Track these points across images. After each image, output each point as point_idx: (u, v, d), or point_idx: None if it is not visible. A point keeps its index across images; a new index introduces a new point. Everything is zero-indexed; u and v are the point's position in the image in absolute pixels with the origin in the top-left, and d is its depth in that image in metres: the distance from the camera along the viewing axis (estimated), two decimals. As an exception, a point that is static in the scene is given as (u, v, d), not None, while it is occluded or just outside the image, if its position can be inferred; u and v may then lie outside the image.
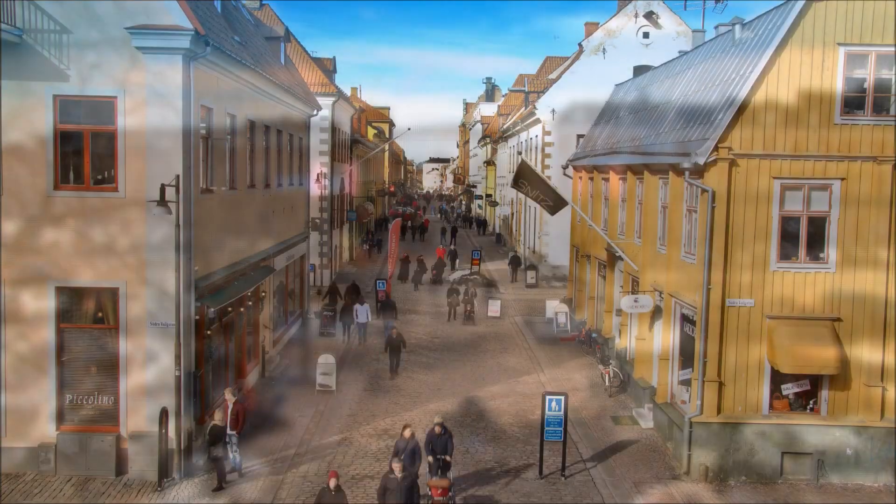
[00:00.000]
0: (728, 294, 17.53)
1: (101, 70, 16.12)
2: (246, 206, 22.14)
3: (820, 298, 17.53)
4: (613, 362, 24.86)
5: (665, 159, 20.04)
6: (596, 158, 28.74)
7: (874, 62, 17.10)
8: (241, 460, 17.24)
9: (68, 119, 16.34)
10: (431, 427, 16.56)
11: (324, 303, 32.72)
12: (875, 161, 17.16)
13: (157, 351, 16.54)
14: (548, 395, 17.53)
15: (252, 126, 22.82)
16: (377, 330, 30.15)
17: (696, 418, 17.68)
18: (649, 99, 26.36)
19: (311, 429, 20.21)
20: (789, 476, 17.73)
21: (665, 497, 16.71)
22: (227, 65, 18.98)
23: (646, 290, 21.92)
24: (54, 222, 16.36)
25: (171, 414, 16.49)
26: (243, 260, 21.56)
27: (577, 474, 17.75)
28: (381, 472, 17.50)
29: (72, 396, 16.84)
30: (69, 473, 16.52)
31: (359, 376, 25.21)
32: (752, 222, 17.40)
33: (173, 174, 16.15)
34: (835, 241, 17.43)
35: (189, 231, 16.75)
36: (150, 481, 16.34)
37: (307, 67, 41.84)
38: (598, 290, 29.46)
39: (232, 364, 21.31)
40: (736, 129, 17.26)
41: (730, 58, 19.64)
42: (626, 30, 42.12)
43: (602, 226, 28.13)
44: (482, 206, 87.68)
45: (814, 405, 17.93)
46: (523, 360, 27.81)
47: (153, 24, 15.96)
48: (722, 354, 17.62)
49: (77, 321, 16.77)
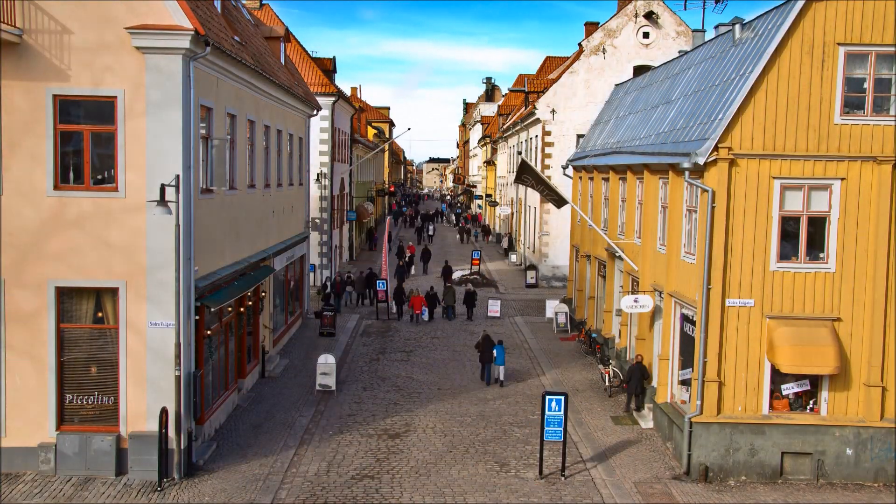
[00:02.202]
0: (728, 294, 17.53)
1: (101, 70, 16.12)
2: (246, 206, 22.14)
3: (820, 298, 17.54)
4: (613, 362, 24.87)
5: (665, 159, 20.04)
6: (596, 158, 28.74)
7: (874, 62, 17.10)
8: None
9: (68, 119, 16.35)
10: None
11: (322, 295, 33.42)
12: (875, 161, 17.16)
13: (157, 351, 16.55)
14: (548, 395, 17.53)
15: (252, 126, 22.84)
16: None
17: (696, 418, 17.68)
18: (649, 99, 26.36)
19: (310, 429, 20.22)
20: (789, 476, 17.74)
21: (665, 497, 16.71)
22: (227, 65, 18.99)
23: (646, 290, 21.92)
24: (54, 222, 16.36)
25: (171, 414, 16.50)
26: (243, 260, 21.57)
27: (577, 474, 17.76)
28: (381, 472, 17.56)
29: (72, 396, 16.84)
30: (69, 473, 16.52)
31: (358, 377, 25.24)
32: (752, 222, 17.41)
33: (173, 174, 16.16)
34: (835, 241, 17.43)
35: (189, 231, 16.76)
36: (150, 481, 16.35)
37: (307, 67, 41.87)
38: (598, 290, 29.47)
39: (232, 364, 21.32)
40: (736, 129, 17.26)
41: (730, 58, 19.64)
42: (626, 30, 42.14)
43: (602, 226, 28.13)
44: (482, 207, 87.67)
45: (814, 405, 17.94)
46: (523, 360, 27.81)
47: (153, 24, 15.96)
48: (722, 354, 17.63)
49: (77, 321, 16.78)
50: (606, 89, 38.66)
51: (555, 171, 40.71)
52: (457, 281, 43.75)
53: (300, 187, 31.41)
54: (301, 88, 31.47)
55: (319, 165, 40.34)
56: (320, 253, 41.05)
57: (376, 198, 69.95)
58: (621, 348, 25.06)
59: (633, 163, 23.57)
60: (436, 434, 20.12)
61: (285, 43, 31.82)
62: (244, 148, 21.93)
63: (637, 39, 42.04)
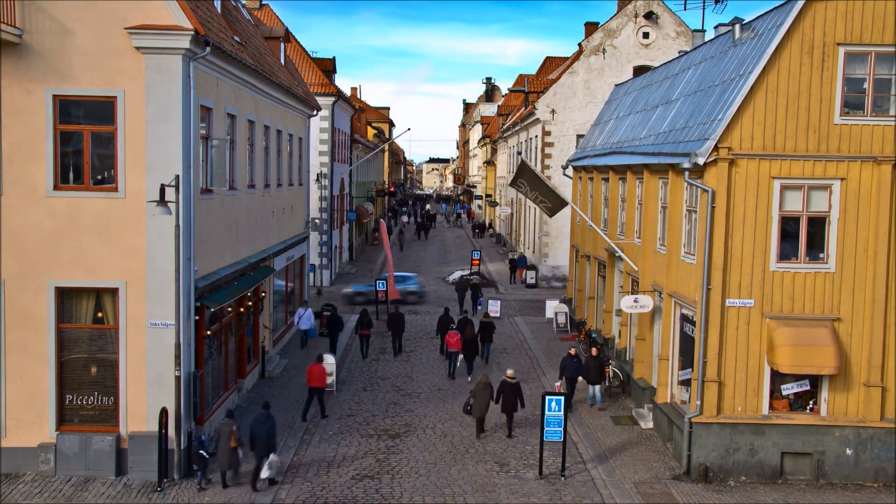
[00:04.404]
0: (728, 294, 17.53)
1: (101, 70, 16.12)
2: (246, 206, 22.14)
3: (820, 298, 17.53)
4: (613, 362, 24.87)
5: (665, 159, 20.04)
6: (596, 158, 28.74)
7: (874, 62, 17.10)
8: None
9: (68, 119, 16.35)
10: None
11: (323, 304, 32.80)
12: (875, 161, 17.16)
13: (157, 351, 16.55)
14: (547, 396, 17.53)
15: (252, 126, 22.84)
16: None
17: (696, 418, 17.68)
18: (649, 99, 26.36)
19: (310, 429, 20.22)
20: (789, 476, 17.74)
21: (665, 497, 16.71)
22: (227, 65, 18.99)
23: (646, 290, 21.92)
24: (54, 222, 16.36)
25: (171, 414, 16.50)
26: (243, 260, 21.57)
27: (577, 474, 17.75)
28: (381, 472, 17.55)
29: (72, 396, 16.85)
30: (69, 473, 16.52)
31: (358, 377, 25.22)
32: (752, 222, 17.41)
33: (173, 174, 16.16)
34: (835, 241, 17.43)
35: (189, 231, 16.76)
36: (150, 481, 16.35)
37: (307, 67, 41.88)
38: (598, 290, 29.47)
39: (232, 364, 21.32)
40: (736, 129, 17.26)
41: (730, 58, 19.64)
42: (625, 30, 42.15)
43: (602, 226, 28.13)
44: (482, 207, 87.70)
45: (814, 405, 17.93)
46: (523, 361, 27.80)
47: (153, 24, 15.97)
48: (722, 354, 17.63)
49: (77, 321, 16.78)
50: (606, 89, 38.68)
51: (555, 172, 40.72)
52: (456, 281, 43.66)
53: (300, 187, 31.41)
54: (301, 88, 31.48)
55: (319, 165, 40.34)
56: (320, 253, 41.06)
57: (376, 198, 69.96)
58: (621, 348, 25.06)
59: (633, 163, 23.56)
60: (436, 434, 20.12)
61: (285, 43, 31.83)
62: (244, 148, 21.93)
63: (637, 39, 42.05)
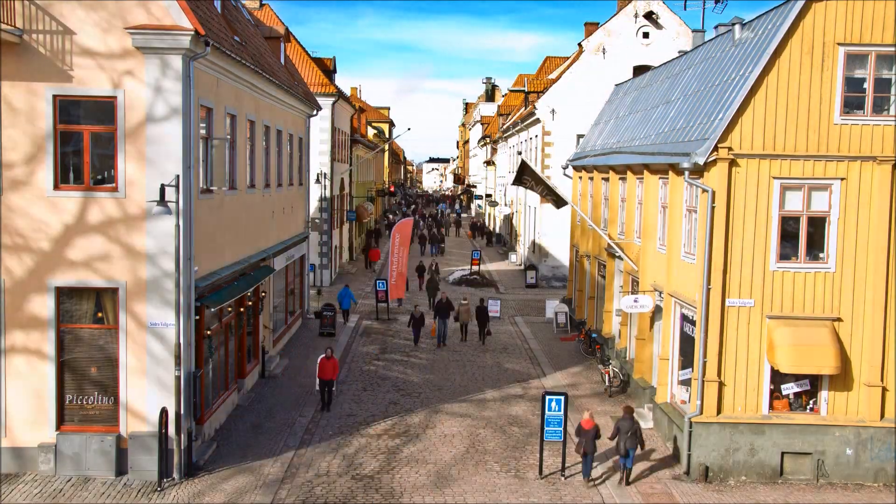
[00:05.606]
0: (728, 294, 17.53)
1: (101, 70, 16.12)
2: (246, 205, 22.14)
3: (820, 298, 17.54)
4: (613, 362, 24.87)
5: (665, 159, 20.05)
6: (596, 158, 28.74)
7: (874, 62, 17.11)
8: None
9: (68, 119, 16.34)
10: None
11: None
12: (875, 161, 17.16)
13: (157, 351, 16.54)
14: (547, 395, 17.53)
15: (252, 126, 22.83)
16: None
17: (696, 418, 17.68)
18: (649, 99, 26.36)
19: (310, 429, 20.22)
20: (789, 476, 17.74)
21: (665, 497, 16.71)
22: (227, 65, 18.99)
23: (646, 290, 21.92)
24: (54, 222, 16.36)
25: (171, 414, 16.50)
26: (243, 260, 21.56)
27: (577, 474, 17.75)
28: (381, 472, 17.54)
29: (72, 396, 16.84)
30: (69, 473, 16.52)
31: (358, 377, 25.24)
32: (752, 222, 17.41)
33: (173, 174, 16.16)
34: (835, 241, 17.43)
35: (189, 231, 16.75)
36: (150, 481, 16.35)
37: (307, 67, 41.87)
38: (598, 290, 29.47)
39: (232, 364, 21.32)
40: (736, 129, 17.26)
41: (730, 58, 19.64)
42: (626, 30, 42.15)
43: (602, 226, 28.13)
44: (482, 207, 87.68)
45: (814, 405, 17.94)
46: (523, 360, 27.81)
47: (153, 24, 15.96)
48: (722, 354, 17.63)
49: (77, 321, 16.77)
50: (606, 89, 38.61)
51: (555, 171, 40.72)
52: (456, 281, 43.71)
53: (300, 187, 31.41)
54: (301, 88, 31.48)
55: (319, 165, 40.33)
56: (320, 253, 41.07)
57: (376, 198, 69.96)
58: (621, 348, 25.07)
59: (633, 163, 23.57)
60: (436, 434, 20.13)
61: (285, 43, 31.84)
62: (244, 148, 21.93)
63: (637, 39, 42.05)
